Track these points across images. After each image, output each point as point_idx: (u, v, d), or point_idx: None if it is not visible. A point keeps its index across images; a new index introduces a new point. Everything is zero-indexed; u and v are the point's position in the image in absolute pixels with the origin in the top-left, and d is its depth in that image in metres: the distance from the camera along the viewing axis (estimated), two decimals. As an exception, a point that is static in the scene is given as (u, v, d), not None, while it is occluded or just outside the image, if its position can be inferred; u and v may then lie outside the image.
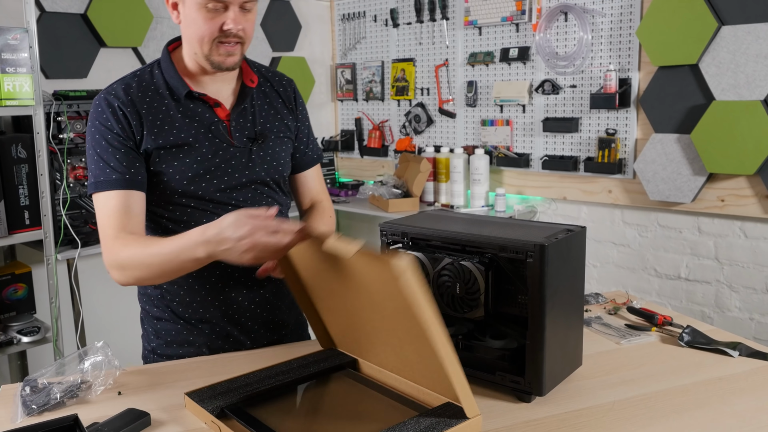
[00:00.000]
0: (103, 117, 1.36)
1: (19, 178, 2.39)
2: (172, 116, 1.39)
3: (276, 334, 1.54)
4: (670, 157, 2.66)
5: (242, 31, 1.34)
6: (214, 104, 1.42)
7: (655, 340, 1.45)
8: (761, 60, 2.39)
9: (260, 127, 1.46)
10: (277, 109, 1.51)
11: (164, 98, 1.40)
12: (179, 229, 1.40)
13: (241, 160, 1.43)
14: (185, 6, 1.33)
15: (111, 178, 1.34)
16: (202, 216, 1.41)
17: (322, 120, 3.86)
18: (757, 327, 2.62)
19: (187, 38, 1.38)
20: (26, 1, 2.32)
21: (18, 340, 2.43)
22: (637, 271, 2.91)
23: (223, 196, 1.42)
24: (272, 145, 1.48)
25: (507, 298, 1.22)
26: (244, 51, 1.40)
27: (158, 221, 1.44)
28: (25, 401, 1.16)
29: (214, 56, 1.35)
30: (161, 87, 1.41)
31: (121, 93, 1.38)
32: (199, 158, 1.39)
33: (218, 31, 1.32)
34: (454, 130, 3.39)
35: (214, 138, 1.41)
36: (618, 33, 2.79)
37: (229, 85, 1.46)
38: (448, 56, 3.35)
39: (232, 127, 1.43)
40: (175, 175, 1.38)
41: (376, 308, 1.13)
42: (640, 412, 1.13)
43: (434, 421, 1.04)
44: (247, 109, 1.46)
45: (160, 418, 1.13)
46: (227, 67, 1.37)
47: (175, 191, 1.39)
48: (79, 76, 2.88)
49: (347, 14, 3.75)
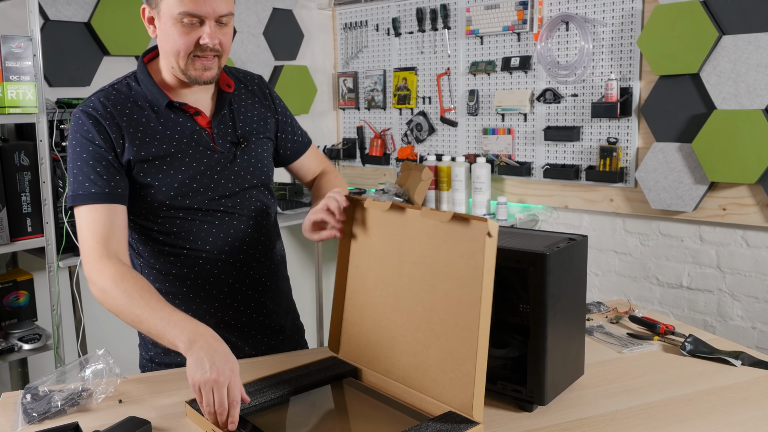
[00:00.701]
0: (84, 129, 1.34)
1: (21, 185, 2.39)
2: (153, 128, 1.37)
3: (273, 339, 1.54)
4: (672, 166, 2.66)
5: (219, 45, 1.33)
6: (194, 113, 1.41)
7: (657, 349, 1.45)
8: (762, 69, 2.40)
9: (241, 130, 1.46)
10: (255, 110, 1.51)
11: (144, 110, 1.38)
12: (170, 240, 1.41)
13: (226, 166, 1.43)
14: (161, 21, 1.33)
15: (91, 192, 1.31)
16: (192, 226, 1.41)
17: (324, 128, 3.87)
18: (759, 336, 2.61)
19: (164, 52, 1.37)
20: (30, 9, 2.33)
21: (19, 347, 2.43)
22: (639, 279, 2.91)
23: (212, 203, 1.42)
24: (254, 147, 1.48)
25: (509, 307, 1.22)
26: (222, 64, 1.38)
27: (149, 234, 1.42)
28: (26, 409, 1.16)
29: (190, 71, 1.34)
30: (140, 99, 1.39)
31: (99, 105, 1.36)
32: (184, 168, 1.38)
33: (194, 45, 1.31)
34: (455, 138, 3.39)
35: (198, 146, 1.40)
36: (619, 42, 2.79)
37: (207, 93, 1.45)
38: (449, 65, 3.36)
39: (215, 134, 1.42)
40: (161, 187, 1.37)
41: (429, 287, 1.15)
42: (643, 422, 1.12)
43: (439, 427, 1.04)
44: (227, 114, 1.46)
45: (161, 426, 1.13)
46: (205, 81, 1.36)
47: (163, 203, 1.38)
48: (83, 84, 2.89)
49: (349, 23, 3.76)
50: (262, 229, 1.49)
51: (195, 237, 1.41)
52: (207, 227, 1.42)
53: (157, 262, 1.44)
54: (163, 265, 1.43)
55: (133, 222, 1.42)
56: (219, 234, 1.43)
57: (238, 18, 3.39)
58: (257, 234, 1.48)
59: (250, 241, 1.47)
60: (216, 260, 1.43)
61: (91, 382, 1.23)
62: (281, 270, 1.57)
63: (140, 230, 1.43)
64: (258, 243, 1.49)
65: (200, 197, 1.40)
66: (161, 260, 1.43)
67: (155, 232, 1.42)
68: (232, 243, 1.44)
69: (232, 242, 1.44)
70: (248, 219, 1.46)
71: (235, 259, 1.45)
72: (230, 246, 1.44)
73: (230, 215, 1.44)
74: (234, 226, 1.45)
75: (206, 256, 1.43)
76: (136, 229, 1.43)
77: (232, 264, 1.45)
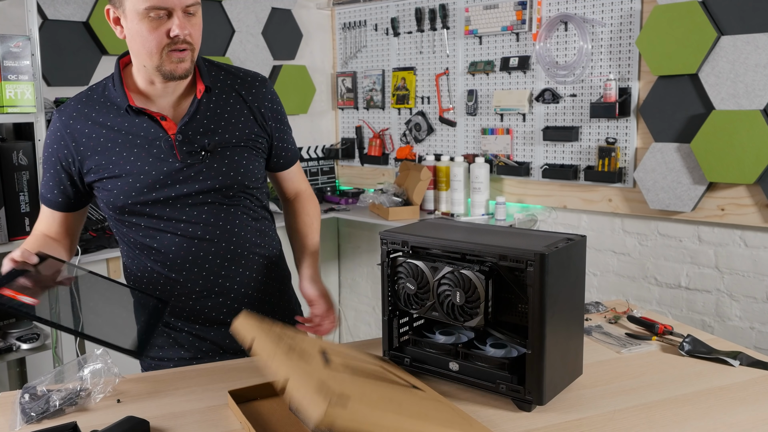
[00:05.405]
0: (51, 133, 1.43)
1: (20, 185, 2.39)
2: (116, 132, 1.38)
3: None
4: (670, 166, 2.66)
5: (189, 36, 1.31)
6: (160, 118, 1.38)
7: (655, 350, 1.45)
8: (760, 70, 2.40)
9: (216, 136, 1.41)
10: (237, 117, 1.45)
11: (110, 113, 1.39)
12: (138, 241, 1.44)
13: (190, 174, 1.39)
14: (127, 19, 1.30)
15: (45, 196, 1.46)
16: (155, 233, 1.42)
17: (323, 128, 3.87)
18: (757, 336, 2.61)
19: (135, 52, 1.34)
20: (29, 9, 2.33)
21: (17, 346, 2.43)
22: (638, 279, 2.91)
23: (174, 212, 1.40)
24: (230, 155, 1.42)
25: (507, 307, 1.22)
26: (194, 58, 1.36)
27: (120, 232, 1.47)
28: (24, 409, 1.15)
29: (165, 65, 1.32)
30: (110, 101, 1.40)
31: (70, 111, 1.41)
32: (143, 176, 1.37)
33: (166, 38, 1.29)
34: (454, 138, 3.39)
35: (159, 153, 1.38)
36: (618, 42, 2.80)
37: (176, 97, 1.41)
38: (448, 65, 3.36)
39: (178, 141, 1.38)
40: (119, 195, 1.39)
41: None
42: (641, 422, 1.12)
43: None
44: (199, 119, 1.40)
45: (160, 426, 1.13)
46: (179, 75, 1.34)
47: (123, 209, 1.40)
48: (81, 84, 2.88)
49: (348, 23, 3.76)
50: (232, 237, 1.45)
51: (158, 244, 1.43)
52: (170, 235, 1.41)
53: (134, 258, 1.49)
54: (139, 261, 1.48)
55: (110, 219, 1.48)
56: (182, 243, 1.42)
57: (236, 17, 3.39)
58: (225, 242, 1.45)
59: (216, 250, 1.44)
60: (181, 268, 1.43)
61: (90, 381, 1.23)
62: (263, 274, 1.53)
63: (115, 228, 1.48)
64: (227, 250, 1.45)
65: (160, 205, 1.40)
66: (135, 256, 1.48)
67: (123, 234, 1.47)
68: (196, 252, 1.43)
69: (196, 251, 1.43)
70: (214, 227, 1.43)
71: (200, 267, 1.44)
72: (193, 255, 1.43)
73: (194, 224, 1.41)
74: (198, 235, 1.42)
75: (170, 264, 1.43)
76: (113, 225, 1.49)
77: (197, 273, 1.44)
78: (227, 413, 1.18)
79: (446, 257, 1.26)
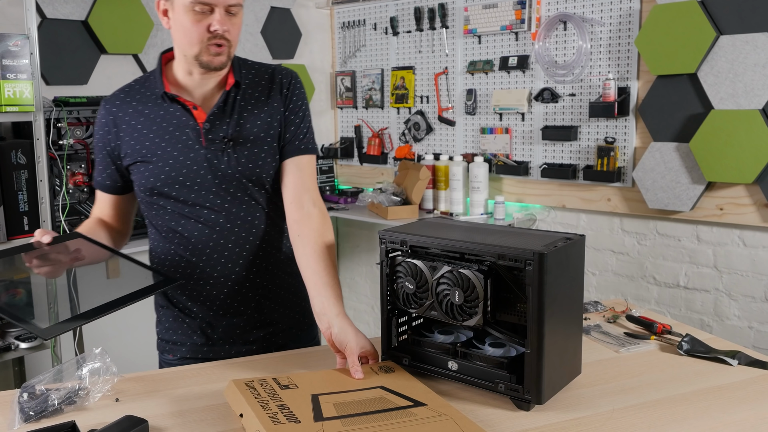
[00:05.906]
0: (98, 120, 1.55)
1: (18, 183, 2.39)
2: (148, 124, 1.48)
3: (263, 331, 1.56)
4: (669, 166, 2.66)
5: (227, 33, 1.41)
6: (192, 107, 1.47)
7: (654, 349, 1.45)
8: (759, 69, 2.40)
9: (239, 128, 1.48)
10: (266, 110, 1.50)
11: (148, 102, 1.49)
12: (170, 236, 1.51)
13: (213, 161, 1.46)
14: (174, 11, 1.40)
15: (96, 179, 1.58)
16: (180, 218, 1.48)
17: (322, 127, 3.87)
18: (756, 335, 2.62)
19: (178, 42, 1.44)
20: (27, 7, 2.33)
21: (16, 346, 2.42)
22: (636, 279, 2.91)
23: (198, 198, 1.47)
24: (250, 147, 1.48)
25: (506, 306, 1.22)
26: (231, 53, 1.45)
27: (153, 223, 1.54)
28: (23, 408, 1.15)
29: (203, 56, 1.41)
30: (149, 91, 1.51)
31: (111, 102, 1.52)
32: (171, 161, 1.46)
33: (206, 32, 1.39)
34: (453, 137, 3.39)
35: (187, 141, 1.46)
36: (617, 42, 2.80)
37: (211, 89, 1.50)
38: (447, 64, 3.36)
39: (206, 129, 1.46)
40: (150, 177, 1.47)
41: None
42: (639, 421, 1.12)
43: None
44: (227, 111, 1.48)
45: (158, 425, 1.13)
46: (215, 67, 1.43)
47: (152, 192, 1.48)
48: (80, 83, 2.88)
49: (347, 22, 3.76)
50: (252, 228, 1.51)
51: (182, 228, 1.50)
52: (193, 221, 1.49)
53: (160, 240, 1.55)
54: (164, 245, 1.54)
55: (142, 202, 1.55)
56: (204, 229, 1.49)
57: (235, 17, 3.39)
58: (245, 233, 1.50)
59: (236, 238, 1.50)
60: (201, 254, 1.50)
61: (88, 380, 1.23)
62: (279, 266, 1.57)
63: (146, 211, 1.55)
64: (246, 241, 1.51)
65: (186, 190, 1.47)
66: (161, 239, 1.54)
67: (152, 217, 1.53)
68: (217, 239, 1.49)
69: (217, 238, 1.49)
70: (236, 217, 1.49)
71: (220, 254, 1.50)
72: (214, 241, 1.49)
73: (216, 212, 1.48)
74: (220, 223, 1.49)
75: (192, 248, 1.50)
76: (144, 209, 1.56)
77: (216, 260, 1.50)
78: (226, 412, 1.18)
79: (445, 256, 1.26)
